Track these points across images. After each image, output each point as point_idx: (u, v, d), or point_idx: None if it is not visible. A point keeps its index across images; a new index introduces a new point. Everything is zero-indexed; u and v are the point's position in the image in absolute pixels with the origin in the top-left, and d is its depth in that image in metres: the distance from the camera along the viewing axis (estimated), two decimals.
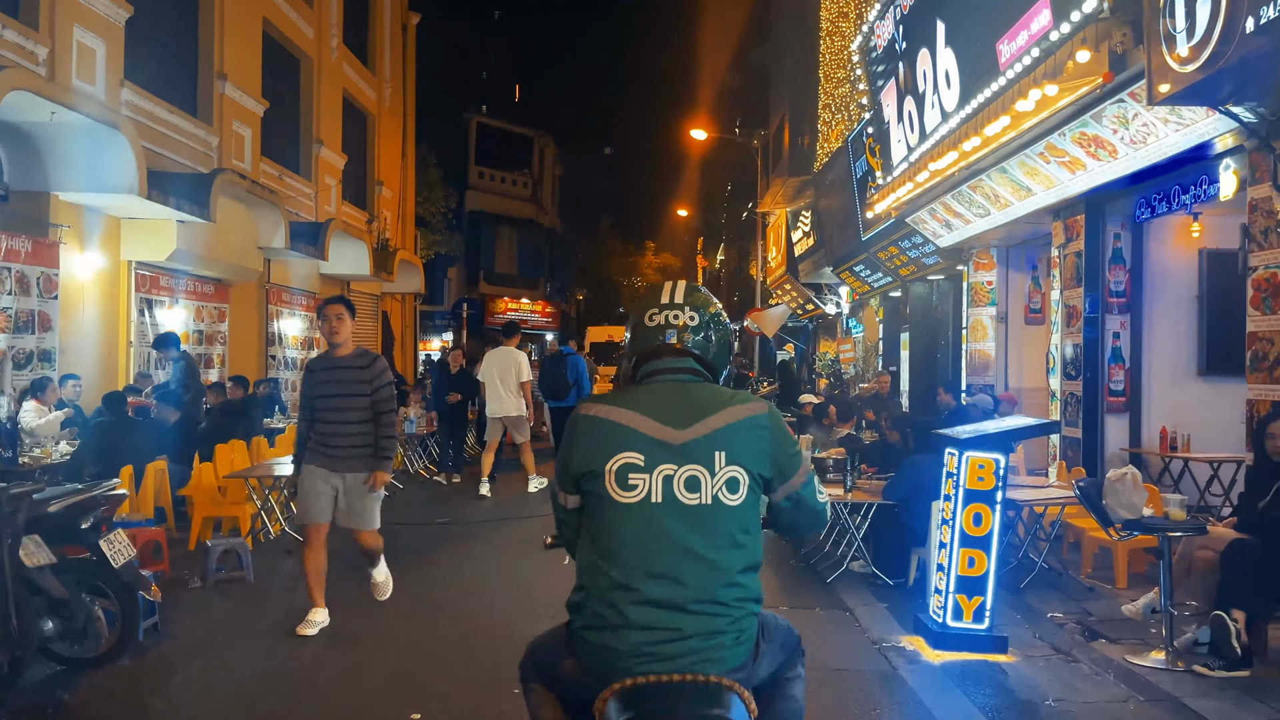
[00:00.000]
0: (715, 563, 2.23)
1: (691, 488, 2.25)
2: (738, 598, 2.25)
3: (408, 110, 25.41)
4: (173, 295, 13.03)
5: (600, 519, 2.29)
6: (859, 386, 17.02)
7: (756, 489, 2.34)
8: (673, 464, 2.26)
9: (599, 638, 2.22)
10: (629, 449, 2.28)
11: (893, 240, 13.36)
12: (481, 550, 8.15)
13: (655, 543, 2.23)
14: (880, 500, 6.83)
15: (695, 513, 2.24)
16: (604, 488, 2.28)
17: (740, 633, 2.23)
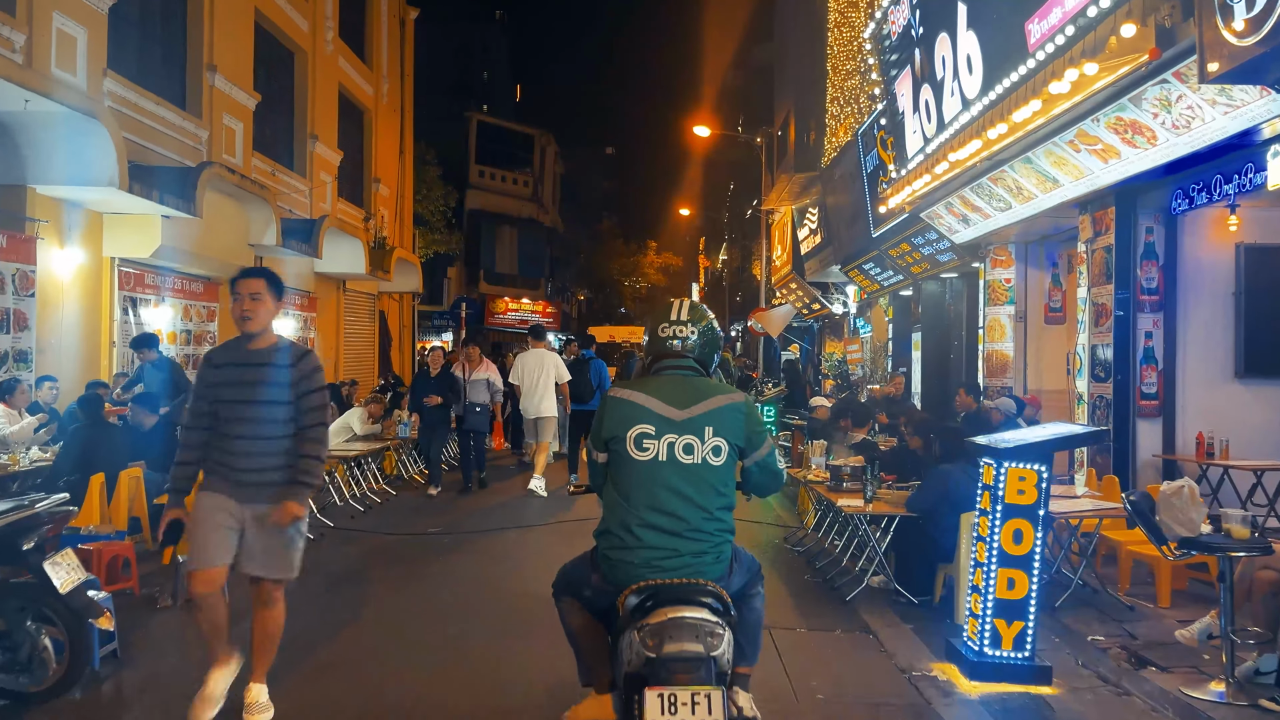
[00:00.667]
0: (702, 505, 3.23)
1: (688, 452, 3.25)
2: (717, 529, 3.26)
3: (405, 106, 24.94)
4: (159, 293, 12.57)
5: (622, 471, 3.29)
6: (868, 389, 16.56)
7: (734, 455, 3.33)
8: (675, 434, 3.25)
9: (619, 555, 3.23)
10: (644, 421, 3.27)
11: (905, 237, 12.88)
12: (471, 564, 7.68)
13: (660, 489, 3.22)
14: (903, 512, 6.35)
15: (689, 469, 3.24)
16: (625, 449, 3.28)
17: (719, 554, 3.26)
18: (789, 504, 10.62)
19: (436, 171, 30.03)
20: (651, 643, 2.94)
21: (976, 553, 4.94)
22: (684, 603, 3.00)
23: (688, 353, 3.44)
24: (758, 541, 8.70)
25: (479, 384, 11.52)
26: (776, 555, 8.11)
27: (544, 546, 8.25)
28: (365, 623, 5.85)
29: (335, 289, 19.72)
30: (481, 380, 11.54)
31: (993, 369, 11.23)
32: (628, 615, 3.05)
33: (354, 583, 6.91)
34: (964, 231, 11.04)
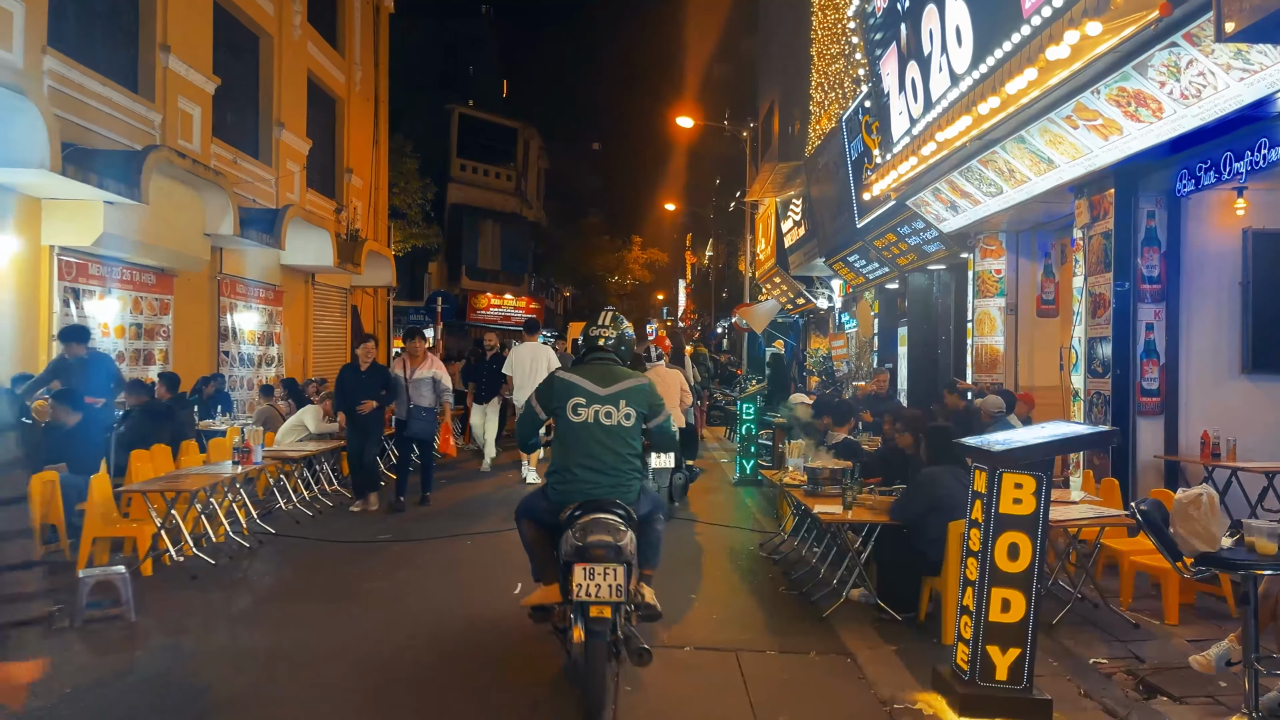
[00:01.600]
0: (618, 452, 4.62)
1: (608, 417, 4.62)
2: (628, 469, 4.64)
3: (380, 96, 24.26)
4: (104, 285, 11.89)
5: (564, 430, 4.64)
6: (853, 385, 16.02)
7: (640, 420, 4.71)
8: (599, 404, 4.63)
9: (563, 486, 4.59)
10: (578, 395, 4.64)
11: (891, 226, 12.32)
12: (416, 579, 7.06)
13: (590, 442, 4.59)
14: (886, 520, 5.78)
15: (609, 429, 4.62)
16: (566, 414, 4.62)
17: (630, 486, 4.63)
18: (768, 507, 10.05)
19: (414, 164, 29.34)
20: (579, 536, 4.25)
21: (967, 569, 4.37)
22: (601, 510, 4.38)
23: (609, 348, 4.89)
24: (731, 548, 8.12)
25: (423, 383, 9.79)
26: (751, 564, 7.53)
27: (501, 555, 7.64)
28: (280, 656, 5.16)
29: (304, 282, 19.06)
30: (426, 379, 9.80)
31: (982, 364, 10.68)
32: (566, 522, 4.39)
33: (282, 600, 6.29)
34: (952, 220, 10.49)
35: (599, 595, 4.13)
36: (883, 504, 6.05)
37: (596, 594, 4.13)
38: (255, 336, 16.60)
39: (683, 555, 7.80)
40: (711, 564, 7.49)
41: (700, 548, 8.11)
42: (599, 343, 4.87)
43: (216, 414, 12.08)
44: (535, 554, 4.78)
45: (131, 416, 9.07)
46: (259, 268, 16.54)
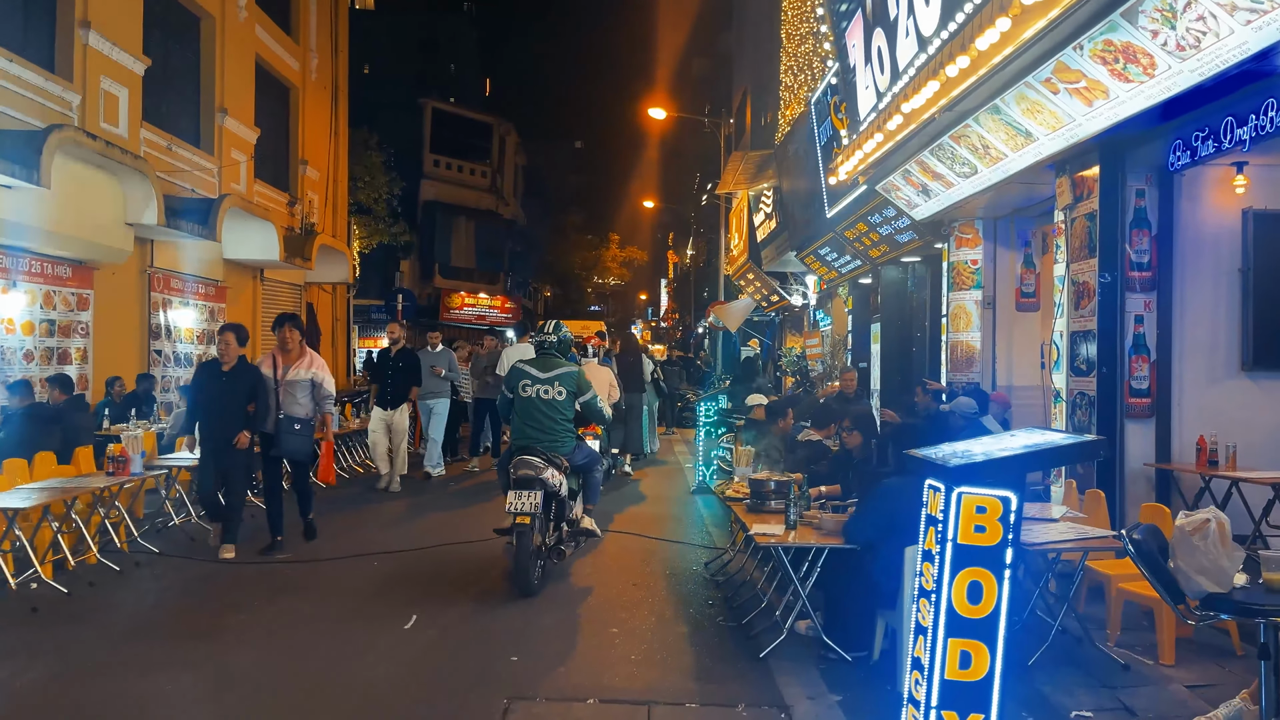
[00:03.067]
0: (553, 419, 6.69)
1: (545, 393, 6.70)
2: (561, 430, 6.71)
3: (339, 85, 23.30)
4: (7, 277, 10.93)
5: (518, 403, 6.77)
6: (825, 385, 15.21)
7: (571, 396, 6.77)
8: (541, 385, 6.73)
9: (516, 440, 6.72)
10: (526, 379, 6.77)
11: (861, 215, 11.49)
12: (306, 625, 6.16)
13: (534, 411, 6.69)
14: (834, 543, 4.92)
15: (548, 401, 6.69)
16: (519, 392, 6.76)
17: (563, 442, 6.70)
18: (726, 518, 9.19)
19: (379, 157, 28.37)
20: (513, 470, 6.43)
21: (919, 612, 3.51)
22: (528, 453, 6.48)
23: (550, 345, 7.02)
24: (672, 568, 7.25)
25: (298, 387, 7.75)
26: (690, 588, 6.66)
27: (411, 578, 6.75)
28: None
29: (251, 278, 18.10)
30: (302, 382, 7.75)
31: (957, 362, 9.85)
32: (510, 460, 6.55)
33: (128, 639, 5.34)
34: (924, 205, 9.66)
35: (521, 508, 6.28)
36: (836, 522, 5.19)
37: (520, 508, 6.28)
38: (194, 335, 15.66)
39: (613, 576, 6.94)
40: (644, 588, 6.63)
41: (635, 567, 7.25)
42: (544, 344, 7.09)
43: (131, 418, 11.12)
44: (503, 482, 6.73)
45: (12, 421, 8.14)
46: (197, 261, 15.60)
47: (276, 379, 7.74)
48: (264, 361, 7.95)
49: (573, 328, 20.84)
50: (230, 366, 7.58)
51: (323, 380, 7.93)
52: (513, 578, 6.32)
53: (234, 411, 7.44)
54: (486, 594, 6.39)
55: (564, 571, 7.04)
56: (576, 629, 5.58)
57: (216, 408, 7.49)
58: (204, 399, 7.62)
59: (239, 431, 7.41)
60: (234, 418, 7.43)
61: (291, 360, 7.85)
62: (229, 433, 7.42)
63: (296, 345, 7.92)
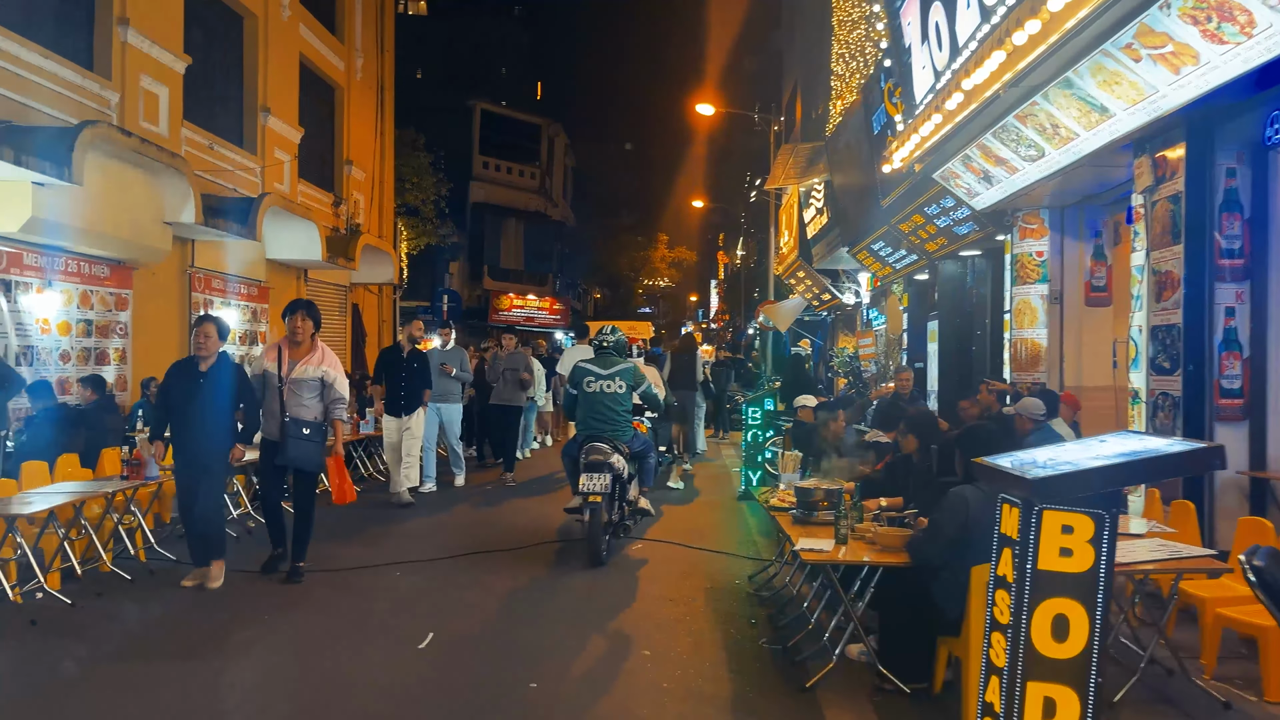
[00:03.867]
0: (614, 410, 7.69)
1: (608, 388, 7.71)
2: (621, 420, 7.73)
3: (385, 85, 23.15)
4: (44, 276, 10.79)
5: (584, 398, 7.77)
6: (878, 386, 14.61)
7: (630, 389, 7.81)
8: (603, 380, 7.73)
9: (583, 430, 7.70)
10: (589, 375, 7.77)
11: (917, 206, 10.90)
12: (317, 640, 5.79)
13: (598, 405, 7.69)
14: (891, 561, 4.40)
15: (610, 395, 7.70)
16: (583, 388, 7.77)
17: (623, 431, 7.73)
18: (773, 527, 8.67)
19: (427, 157, 28.26)
20: (584, 456, 7.39)
21: (991, 648, 2.99)
22: (597, 440, 7.47)
23: (610, 344, 8.00)
24: (713, 581, 6.76)
25: (306, 386, 6.67)
26: (731, 604, 6.16)
27: (446, 599, 6.35)
28: None
29: (295, 279, 17.94)
30: (310, 380, 6.71)
31: (1021, 361, 9.22)
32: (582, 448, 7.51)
33: (129, 655, 4.99)
34: (986, 194, 9.04)
35: (593, 489, 7.11)
36: (891, 536, 4.66)
37: (592, 488, 7.11)
38: (236, 335, 15.49)
39: (649, 591, 6.47)
40: (682, 604, 6.15)
41: (673, 581, 6.77)
42: (603, 345, 8.05)
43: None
44: (570, 475, 7.79)
45: (33, 423, 7.93)
46: (240, 261, 15.43)
47: (281, 376, 6.64)
48: (268, 353, 6.89)
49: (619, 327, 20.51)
50: (209, 365, 6.41)
51: (334, 379, 6.77)
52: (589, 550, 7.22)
53: (215, 420, 6.29)
54: (509, 610, 5.97)
55: (595, 586, 6.60)
56: (604, 650, 5.13)
57: (193, 415, 6.26)
58: (177, 404, 6.35)
59: (221, 444, 6.34)
60: (215, 428, 6.31)
61: (300, 354, 6.72)
62: (209, 445, 6.28)
63: (307, 337, 6.75)
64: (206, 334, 6.47)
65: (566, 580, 6.74)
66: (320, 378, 6.72)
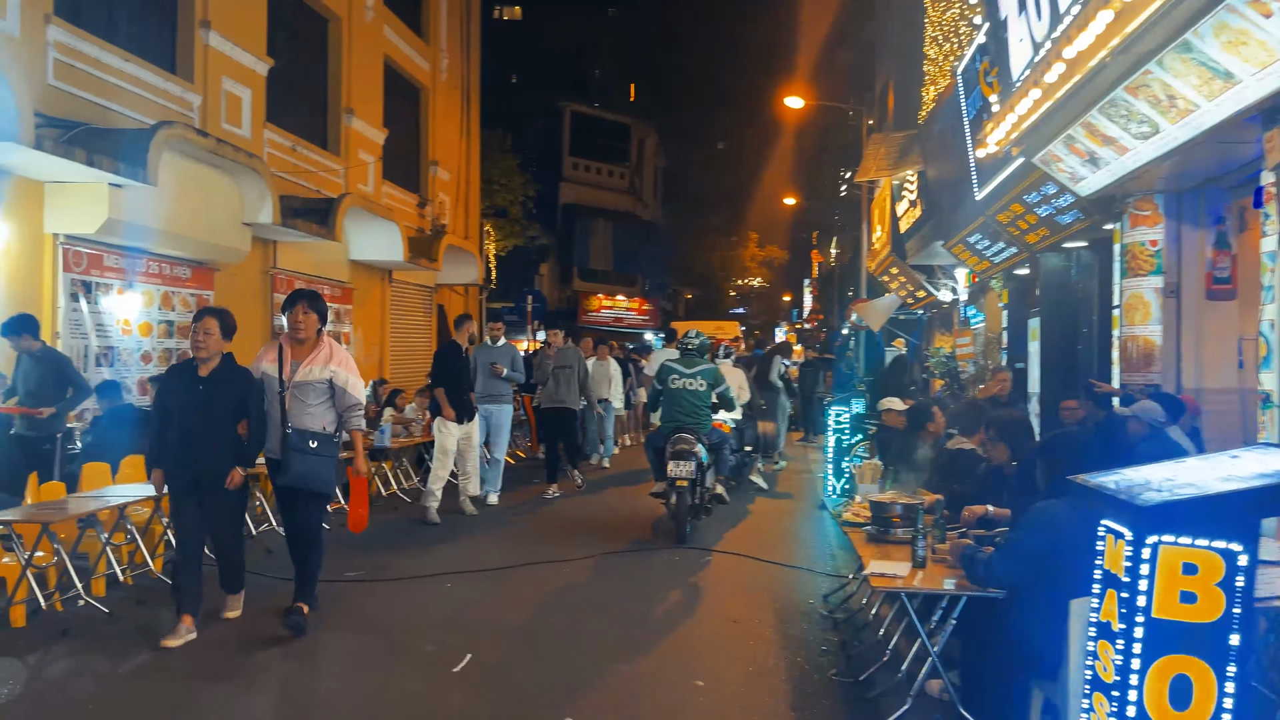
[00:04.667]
0: (696, 406, 8.61)
1: (690, 385, 8.63)
2: (702, 415, 8.64)
3: (471, 86, 23.14)
4: (124, 278, 10.89)
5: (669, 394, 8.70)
6: (976, 388, 13.79)
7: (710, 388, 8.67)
8: (686, 378, 8.66)
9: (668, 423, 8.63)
10: (674, 374, 8.72)
11: (1016, 195, 10.11)
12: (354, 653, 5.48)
13: (681, 400, 8.61)
14: (973, 591, 3.84)
15: (692, 392, 8.62)
16: (668, 385, 8.71)
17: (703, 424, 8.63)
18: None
19: (515, 159, 28.29)
20: (672, 445, 8.19)
21: (1093, 712, 2.44)
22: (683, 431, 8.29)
23: (694, 346, 8.88)
24: (782, 600, 6.23)
25: (312, 390, 5.58)
26: (801, 627, 5.63)
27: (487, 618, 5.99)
28: None
29: (379, 280, 17.99)
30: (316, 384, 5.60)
31: (1133, 360, 8.40)
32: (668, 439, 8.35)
33: (147, 672, 4.75)
34: (1092, 178, 8.25)
35: (680, 474, 7.92)
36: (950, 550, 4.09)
37: (679, 474, 7.93)
38: None
39: (711, 607, 5.99)
40: (745, 624, 5.65)
41: (738, 597, 6.27)
42: (687, 347, 8.89)
43: None
44: (654, 464, 8.70)
45: (98, 424, 7.89)
46: (323, 263, 15.50)
47: (283, 379, 5.56)
48: (265, 354, 5.75)
49: (706, 329, 20.34)
50: (211, 369, 5.39)
51: (347, 381, 5.63)
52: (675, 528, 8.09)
53: (218, 433, 5.35)
54: (555, 629, 5.57)
55: (652, 602, 6.15)
56: (654, 679, 4.68)
57: (191, 429, 5.31)
58: (175, 414, 5.35)
59: (225, 461, 5.35)
60: (219, 442, 5.35)
61: (304, 354, 5.63)
62: (211, 463, 5.32)
63: (313, 333, 5.68)
64: (207, 330, 5.41)
65: (621, 595, 6.31)
66: (329, 380, 5.60)
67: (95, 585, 5.76)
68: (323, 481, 5.56)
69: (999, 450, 5.01)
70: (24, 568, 5.22)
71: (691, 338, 9.02)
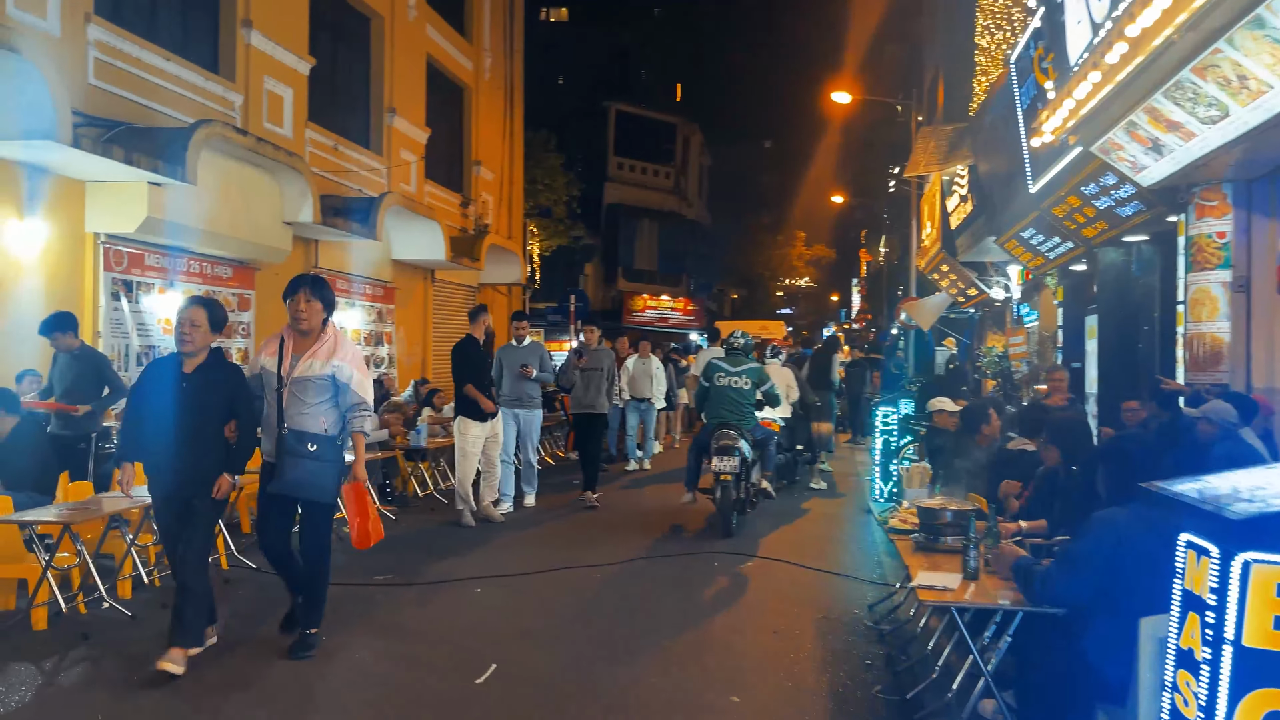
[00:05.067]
0: (740, 404, 8.84)
1: (735, 382, 8.87)
2: (746, 412, 8.90)
3: (515, 85, 23.06)
4: (165, 277, 10.90)
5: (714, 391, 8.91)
6: (1033, 389, 13.35)
7: (754, 386, 8.91)
8: (731, 376, 8.88)
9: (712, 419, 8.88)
10: (720, 371, 8.94)
11: (1073, 187, 9.68)
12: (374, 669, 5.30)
13: (726, 398, 8.84)
14: (1029, 607, 3.54)
15: (737, 390, 8.85)
16: (714, 382, 8.93)
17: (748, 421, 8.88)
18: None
19: (558, 158, 28.18)
20: (715, 441, 8.46)
21: None
22: (726, 427, 8.55)
23: (739, 346, 9.08)
24: (824, 610, 5.94)
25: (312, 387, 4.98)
26: (844, 639, 5.34)
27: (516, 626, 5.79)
28: None
29: (422, 279, 17.97)
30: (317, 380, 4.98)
31: (1199, 358, 7.97)
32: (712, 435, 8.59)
33: (153, 684, 4.57)
34: (1154, 167, 7.84)
35: (724, 469, 8.18)
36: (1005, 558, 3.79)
37: (723, 468, 8.19)
38: (361, 336, 15.53)
39: (749, 618, 5.72)
40: (786, 636, 5.37)
41: (779, 608, 5.98)
42: (733, 347, 9.11)
43: None
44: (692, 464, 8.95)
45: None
46: (365, 262, 15.49)
47: (282, 375, 4.99)
48: (266, 346, 5.17)
49: (751, 328, 20.17)
50: (196, 364, 4.87)
51: (353, 377, 4.99)
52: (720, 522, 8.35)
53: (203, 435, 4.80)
54: (584, 638, 5.34)
55: (688, 612, 5.90)
56: (687, 695, 4.42)
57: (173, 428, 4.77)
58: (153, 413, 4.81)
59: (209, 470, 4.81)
60: (202, 449, 4.79)
61: (306, 346, 5.02)
62: (192, 473, 4.79)
63: (317, 325, 5.04)
64: (193, 322, 4.86)
65: (656, 602, 6.07)
66: (330, 375, 4.98)
67: (121, 587, 5.66)
68: (319, 490, 4.95)
69: (1050, 453, 4.70)
70: (44, 569, 5.12)
71: (737, 337, 9.23)
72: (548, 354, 9.99)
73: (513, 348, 9.80)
